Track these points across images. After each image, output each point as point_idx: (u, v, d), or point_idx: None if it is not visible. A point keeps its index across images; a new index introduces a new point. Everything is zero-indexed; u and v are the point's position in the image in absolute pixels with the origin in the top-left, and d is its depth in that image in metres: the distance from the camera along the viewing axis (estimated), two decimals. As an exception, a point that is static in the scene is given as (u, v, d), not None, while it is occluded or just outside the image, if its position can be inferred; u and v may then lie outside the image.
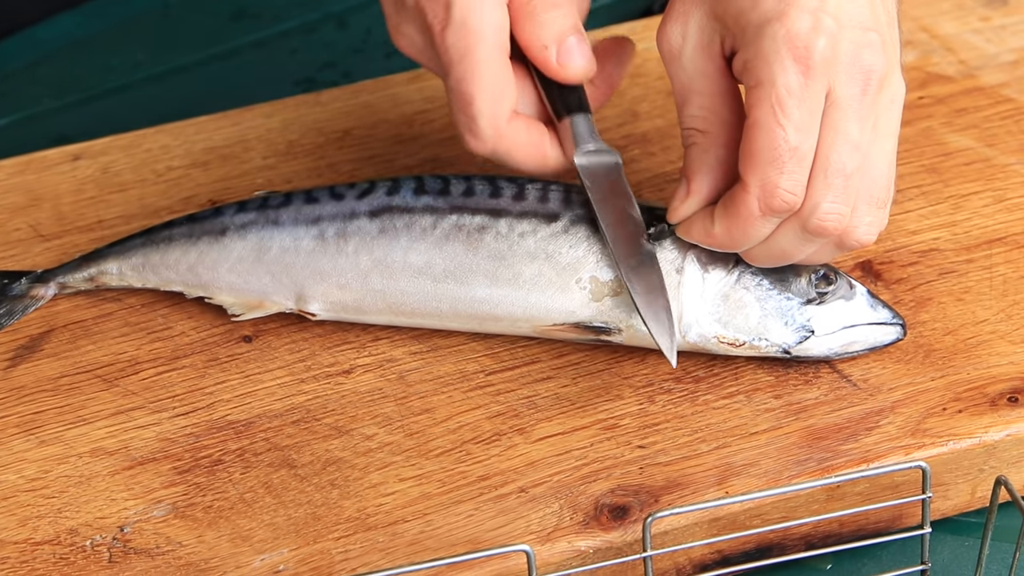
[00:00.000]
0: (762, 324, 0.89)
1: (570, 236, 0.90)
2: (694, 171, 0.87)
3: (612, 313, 0.89)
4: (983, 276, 0.95)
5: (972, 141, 1.03)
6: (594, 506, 0.84)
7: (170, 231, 0.95)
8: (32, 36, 1.28)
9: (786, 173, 0.83)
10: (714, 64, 0.86)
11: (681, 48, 0.86)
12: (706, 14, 0.85)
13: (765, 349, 0.89)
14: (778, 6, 0.82)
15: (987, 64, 1.09)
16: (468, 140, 0.88)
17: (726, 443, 0.87)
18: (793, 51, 0.82)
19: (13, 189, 1.05)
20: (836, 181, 0.83)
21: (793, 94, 0.82)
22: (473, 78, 0.86)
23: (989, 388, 0.89)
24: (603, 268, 0.90)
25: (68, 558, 0.84)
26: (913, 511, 0.87)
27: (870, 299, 0.90)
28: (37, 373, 0.93)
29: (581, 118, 0.90)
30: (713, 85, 0.86)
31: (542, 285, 0.90)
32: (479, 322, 0.92)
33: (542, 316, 0.90)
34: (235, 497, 0.86)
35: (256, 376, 0.92)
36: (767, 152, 0.82)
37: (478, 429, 0.88)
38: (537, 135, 0.89)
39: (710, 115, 0.86)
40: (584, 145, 0.90)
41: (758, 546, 0.86)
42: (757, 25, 0.82)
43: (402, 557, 0.83)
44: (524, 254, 0.90)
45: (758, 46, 0.82)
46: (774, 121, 0.82)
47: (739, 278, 0.89)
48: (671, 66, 0.87)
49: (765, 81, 0.82)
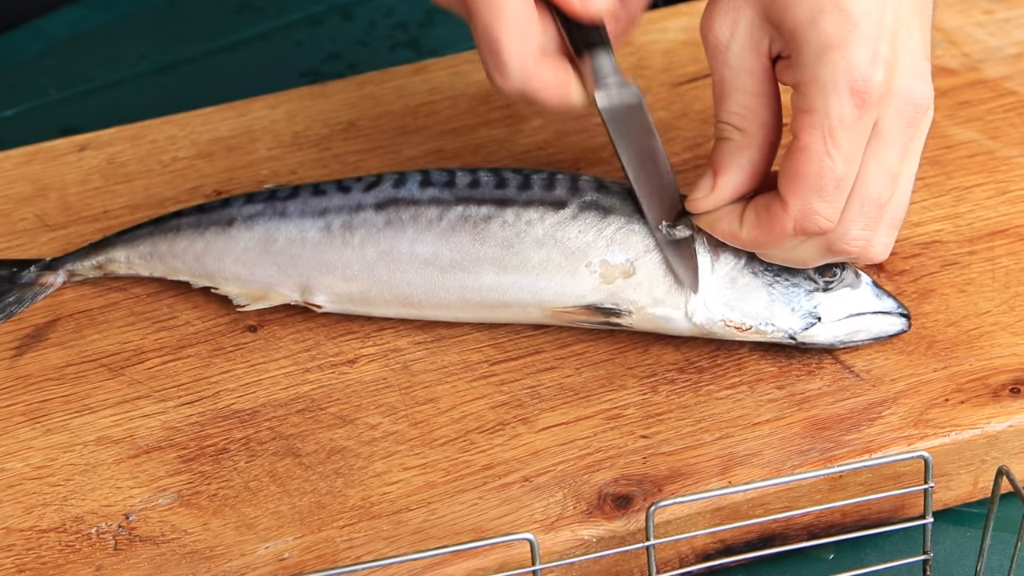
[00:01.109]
0: (769, 309, 0.89)
1: (579, 222, 0.91)
2: (724, 167, 0.87)
3: (624, 295, 0.90)
4: (986, 268, 0.95)
5: (975, 134, 1.04)
6: (597, 495, 0.84)
7: (178, 220, 0.96)
8: (38, 28, 1.28)
9: (827, 201, 0.83)
10: (760, 64, 0.86)
11: (728, 43, 0.86)
12: (759, 15, 0.85)
13: (771, 334, 0.89)
14: (839, 31, 0.82)
15: (990, 57, 1.09)
16: (496, 79, 0.88)
17: (729, 433, 0.87)
18: (851, 84, 0.82)
19: (19, 179, 1.05)
20: (870, 211, 0.85)
21: (846, 126, 0.82)
22: (499, 19, 0.86)
23: (991, 379, 0.89)
24: (614, 251, 0.90)
25: (74, 545, 0.84)
26: (915, 501, 0.87)
27: (875, 289, 0.91)
28: (43, 362, 0.93)
29: (602, 54, 0.89)
30: (757, 85, 0.86)
31: (551, 270, 0.90)
32: (488, 310, 0.92)
33: (552, 300, 0.90)
34: (240, 485, 0.86)
35: (261, 365, 0.92)
36: (813, 179, 0.83)
37: (482, 418, 0.89)
38: (564, 74, 0.89)
39: (749, 114, 0.86)
40: (605, 79, 0.89)
41: (761, 536, 0.86)
42: (817, 50, 0.82)
43: (406, 545, 0.83)
44: (532, 241, 0.91)
45: (816, 71, 0.82)
46: (823, 151, 0.82)
47: (747, 263, 0.90)
48: (715, 59, 0.86)
49: (819, 109, 0.82)
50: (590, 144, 1.04)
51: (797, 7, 0.83)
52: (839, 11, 0.82)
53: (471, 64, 1.12)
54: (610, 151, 1.03)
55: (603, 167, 1.02)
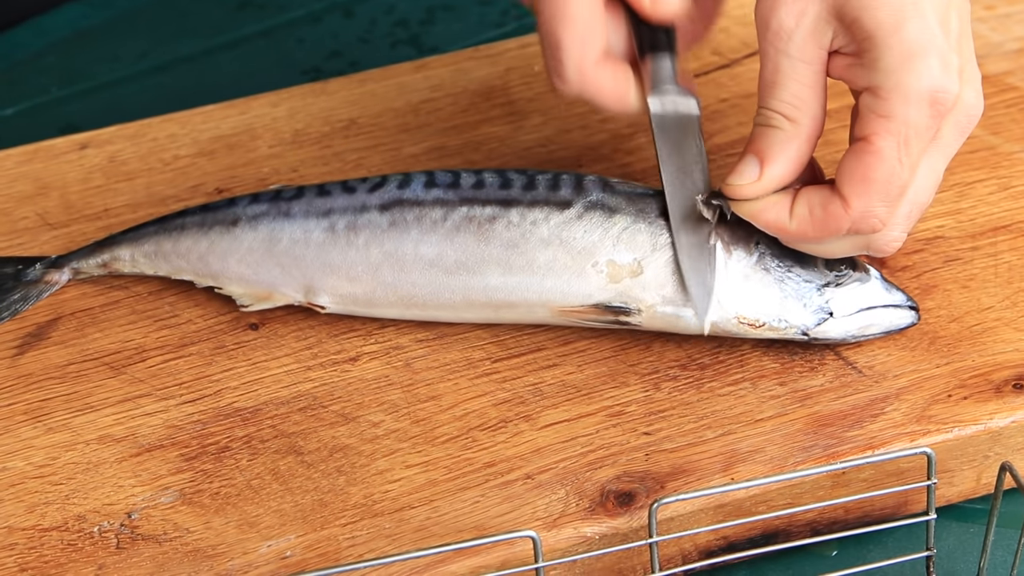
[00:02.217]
0: (782, 305, 0.89)
1: (584, 222, 0.90)
2: (772, 157, 0.86)
3: (631, 293, 0.89)
4: (988, 263, 0.95)
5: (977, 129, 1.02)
6: (600, 492, 0.84)
7: (183, 220, 0.96)
8: (39, 25, 1.28)
9: (888, 205, 0.84)
10: (820, 58, 0.85)
11: (792, 32, 0.85)
12: (828, 10, 0.84)
13: (784, 330, 0.89)
14: (922, 39, 0.82)
15: (992, 52, 1.09)
16: (554, 81, 0.88)
17: (732, 430, 0.87)
18: (932, 94, 0.82)
19: (21, 178, 1.05)
20: (915, 214, 0.86)
21: (920, 135, 0.83)
22: (562, 20, 0.86)
23: (994, 375, 0.89)
24: (620, 251, 0.90)
25: (76, 544, 0.84)
26: (918, 497, 0.87)
27: (884, 282, 0.91)
28: (44, 361, 0.93)
29: (664, 58, 0.89)
30: (813, 77, 0.86)
31: (557, 270, 0.90)
32: (494, 310, 0.92)
33: (559, 300, 0.90)
34: (242, 484, 0.86)
35: (263, 363, 0.92)
36: (881, 184, 0.83)
37: (484, 416, 0.89)
38: (623, 79, 0.89)
39: (803, 105, 0.86)
40: (662, 85, 0.89)
41: (764, 532, 0.86)
42: (900, 57, 0.82)
43: (408, 543, 0.83)
44: (537, 241, 0.90)
45: (899, 79, 0.82)
46: (896, 157, 0.83)
47: (760, 259, 0.89)
48: (773, 46, 0.86)
49: (899, 117, 0.82)
50: (591, 141, 1.04)
51: (879, 10, 0.83)
52: (921, 19, 0.82)
53: (472, 61, 1.12)
54: (611, 148, 1.03)
55: (604, 164, 1.02)
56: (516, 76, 1.10)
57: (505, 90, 1.09)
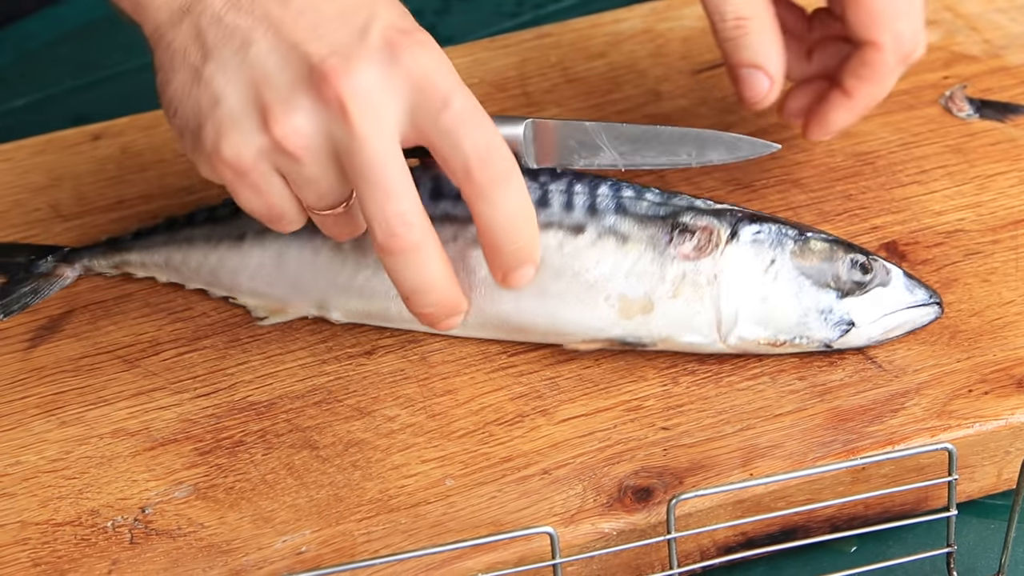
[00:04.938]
0: (802, 322, 0.88)
1: (596, 251, 0.89)
2: (764, 55, 0.91)
3: (643, 330, 0.88)
4: (1009, 257, 0.94)
5: (997, 121, 1.03)
6: (618, 488, 0.84)
7: (191, 231, 0.94)
8: (52, 16, 1.28)
9: (911, 20, 0.90)
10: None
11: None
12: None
13: (807, 346, 0.88)
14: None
15: (1012, 43, 1.08)
16: None
17: (750, 425, 0.86)
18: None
19: (33, 169, 1.05)
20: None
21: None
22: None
23: (1015, 369, 0.88)
24: (632, 285, 0.89)
25: (89, 539, 0.84)
26: (939, 493, 0.86)
27: (907, 280, 0.90)
28: (58, 354, 0.93)
29: None
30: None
31: (569, 302, 0.89)
32: (506, 334, 0.90)
33: (571, 332, 0.89)
34: (257, 478, 0.86)
35: (277, 357, 0.92)
36: (890, 8, 0.89)
37: (501, 410, 0.88)
38: None
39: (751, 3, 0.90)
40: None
41: (783, 528, 0.85)
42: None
43: (424, 539, 0.82)
44: (550, 271, 0.88)
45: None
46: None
47: (776, 278, 0.88)
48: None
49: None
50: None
51: None
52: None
53: (488, 51, 1.11)
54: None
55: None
56: (532, 67, 1.10)
57: (521, 81, 1.09)
